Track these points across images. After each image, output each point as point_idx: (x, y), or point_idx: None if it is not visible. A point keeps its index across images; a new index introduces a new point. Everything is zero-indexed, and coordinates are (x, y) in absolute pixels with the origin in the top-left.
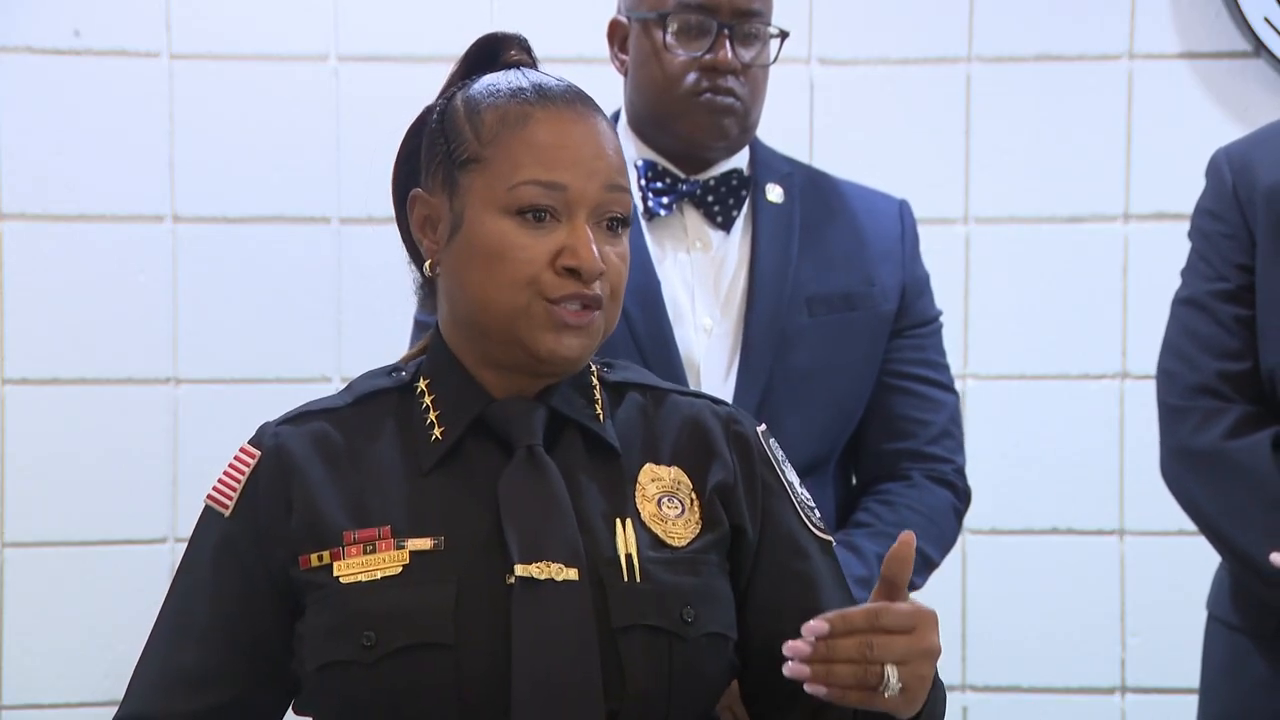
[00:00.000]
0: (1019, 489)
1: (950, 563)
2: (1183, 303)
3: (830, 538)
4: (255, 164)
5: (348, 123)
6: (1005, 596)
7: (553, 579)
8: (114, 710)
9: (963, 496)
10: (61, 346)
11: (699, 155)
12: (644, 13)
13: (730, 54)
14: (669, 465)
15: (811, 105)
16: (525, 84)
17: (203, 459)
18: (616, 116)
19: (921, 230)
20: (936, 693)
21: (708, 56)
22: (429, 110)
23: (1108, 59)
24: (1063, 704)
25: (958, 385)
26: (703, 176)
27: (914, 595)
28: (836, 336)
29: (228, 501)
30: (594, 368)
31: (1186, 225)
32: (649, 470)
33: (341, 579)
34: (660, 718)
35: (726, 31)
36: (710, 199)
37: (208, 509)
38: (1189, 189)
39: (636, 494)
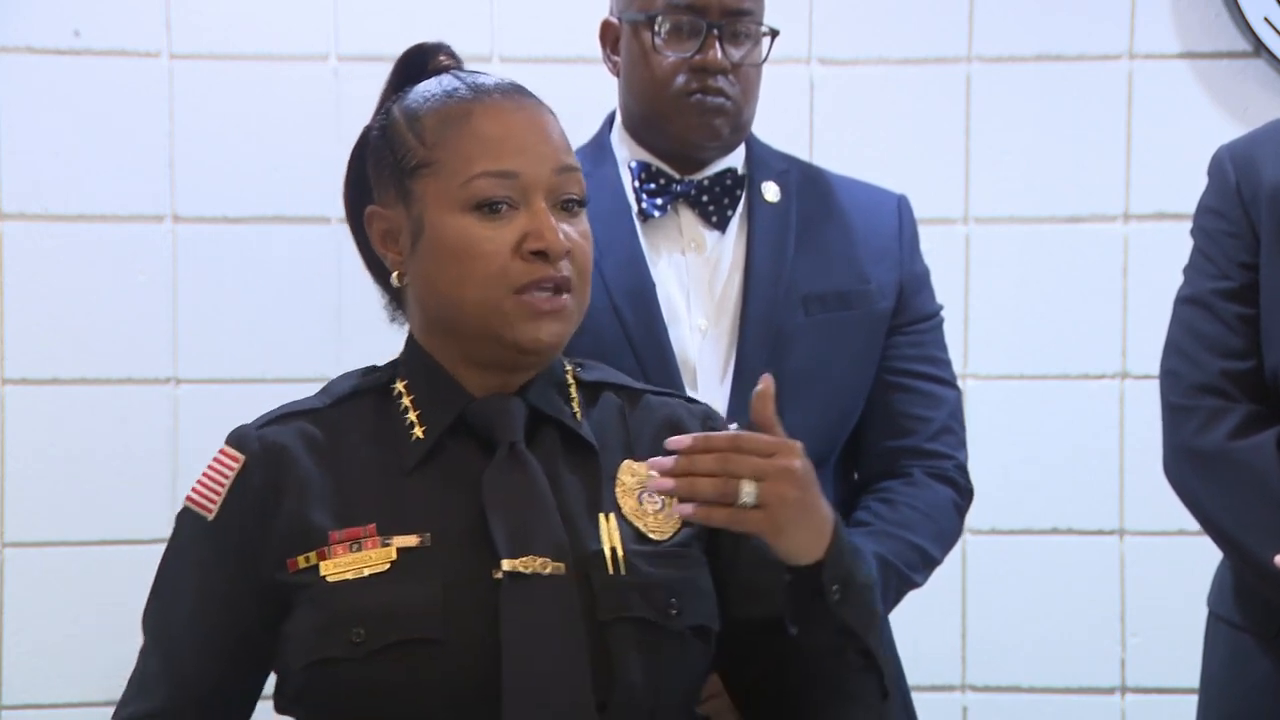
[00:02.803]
0: (1019, 489)
1: (950, 563)
2: (1186, 301)
3: None
4: (255, 164)
5: (348, 123)
6: (1005, 596)
7: (539, 573)
8: (114, 710)
9: (964, 493)
10: (61, 346)
11: (692, 156)
12: (634, 14)
13: (720, 54)
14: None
15: (811, 105)
16: (459, 84)
17: (203, 459)
18: (612, 118)
19: (921, 230)
20: (847, 552)
21: (697, 57)
22: (368, 129)
23: (1108, 59)
24: (1063, 704)
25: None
26: (697, 177)
27: (914, 594)
28: (833, 335)
29: (211, 505)
30: (568, 367)
31: (1187, 225)
32: (628, 467)
33: (329, 578)
34: (648, 708)
35: (716, 31)
36: (705, 199)
37: (188, 511)
38: (1189, 189)
39: (617, 489)
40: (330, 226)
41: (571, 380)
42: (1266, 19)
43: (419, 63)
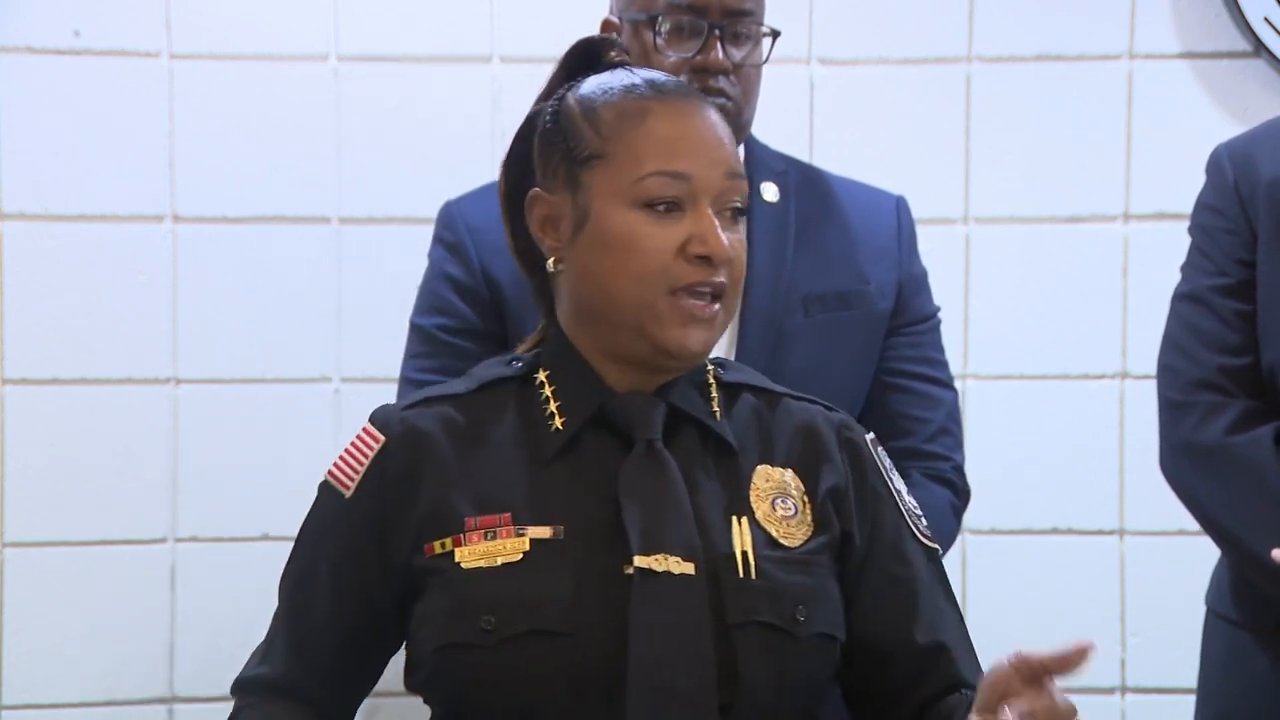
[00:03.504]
0: (1019, 489)
1: (950, 563)
2: (1183, 298)
3: (937, 545)
4: (255, 164)
5: (348, 123)
6: (1005, 596)
7: (670, 572)
8: (113, 710)
9: (961, 494)
10: (61, 346)
11: None
12: (635, 14)
13: (721, 54)
14: (783, 467)
15: (811, 105)
16: (638, 80)
17: (203, 459)
18: None
19: (921, 230)
20: None
21: (698, 57)
22: (538, 114)
23: (1108, 59)
24: None
25: (957, 385)
26: None
27: None
28: (832, 336)
29: (349, 482)
30: (709, 367)
31: (1186, 225)
32: (763, 471)
33: (463, 565)
34: (770, 712)
35: (717, 32)
36: None
37: (328, 485)
38: (1189, 189)
39: (751, 493)
40: (330, 226)
41: (712, 380)
42: (1266, 19)
43: (590, 54)
